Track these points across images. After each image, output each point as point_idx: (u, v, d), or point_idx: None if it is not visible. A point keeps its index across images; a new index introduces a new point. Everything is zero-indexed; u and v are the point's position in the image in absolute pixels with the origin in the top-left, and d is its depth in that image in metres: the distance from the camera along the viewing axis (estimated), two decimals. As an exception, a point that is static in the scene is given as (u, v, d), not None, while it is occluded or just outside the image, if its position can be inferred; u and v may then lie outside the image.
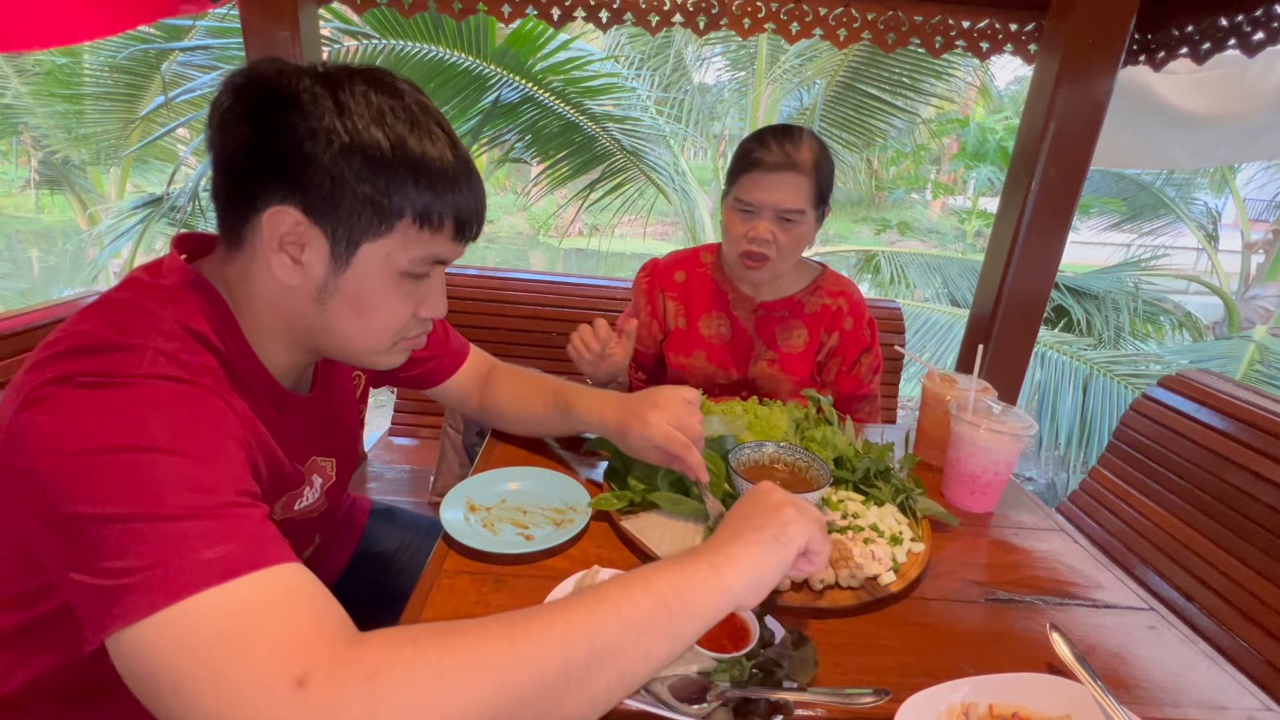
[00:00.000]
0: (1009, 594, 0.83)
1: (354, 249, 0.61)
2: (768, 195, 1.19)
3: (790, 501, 0.61)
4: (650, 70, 4.85)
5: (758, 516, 0.59)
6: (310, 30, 1.60)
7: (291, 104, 0.58)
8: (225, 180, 0.62)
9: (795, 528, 0.58)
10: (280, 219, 0.59)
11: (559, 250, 10.92)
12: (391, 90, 0.61)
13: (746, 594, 0.54)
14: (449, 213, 0.63)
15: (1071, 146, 1.58)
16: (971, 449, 1.00)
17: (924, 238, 11.66)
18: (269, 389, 0.69)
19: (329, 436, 0.84)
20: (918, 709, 0.60)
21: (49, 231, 9.83)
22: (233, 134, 0.60)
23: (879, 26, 1.69)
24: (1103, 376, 3.16)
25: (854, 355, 1.38)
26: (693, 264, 1.43)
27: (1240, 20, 1.50)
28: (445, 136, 0.63)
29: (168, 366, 0.54)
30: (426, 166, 0.61)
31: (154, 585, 0.44)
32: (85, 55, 4.59)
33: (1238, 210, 5.69)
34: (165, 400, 0.52)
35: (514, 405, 1.05)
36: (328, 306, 0.64)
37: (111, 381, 0.51)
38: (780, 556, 0.56)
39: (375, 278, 0.63)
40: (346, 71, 0.61)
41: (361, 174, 0.59)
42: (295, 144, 0.57)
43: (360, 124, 0.58)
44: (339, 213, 0.59)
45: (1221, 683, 0.71)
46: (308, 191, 0.58)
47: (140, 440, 0.48)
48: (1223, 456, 1.44)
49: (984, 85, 6.17)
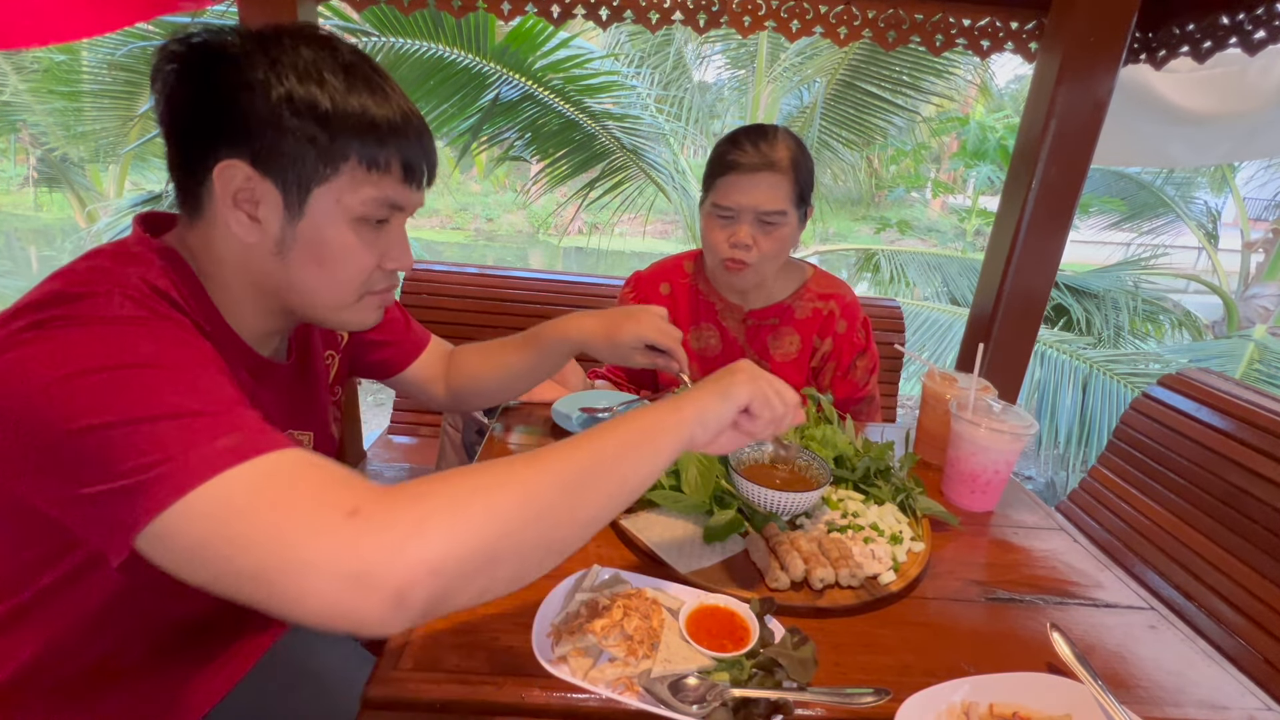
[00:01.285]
0: (1009, 593, 0.83)
1: (305, 195, 0.62)
2: (745, 198, 1.15)
3: (746, 369, 0.68)
4: (650, 68, 4.85)
5: (719, 378, 0.66)
6: (309, 27, 1.59)
7: (226, 60, 0.59)
8: (175, 147, 0.63)
9: (741, 387, 0.65)
10: (230, 174, 0.60)
11: (559, 248, 10.91)
12: (322, 43, 0.63)
13: (696, 427, 0.61)
14: (394, 155, 0.65)
15: (1072, 145, 1.57)
16: (972, 448, 0.99)
17: (924, 236, 11.65)
18: (243, 355, 0.69)
19: (305, 410, 0.84)
20: (918, 709, 0.60)
21: (47, 229, 9.82)
22: (175, 99, 0.61)
23: (879, 24, 1.69)
24: (1102, 375, 3.16)
25: (849, 359, 1.36)
26: (676, 275, 1.39)
27: (1242, 18, 1.50)
28: (381, 82, 0.64)
29: (136, 309, 0.54)
30: (365, 111, 0.62)
31: (183, 469, 0.45)
32: (84, 52, 4.58)
33: (1238, 209, 5.69)
34: (142, 331, 0.52)
35: (482, 361, 1.05)
36: (289, 260, 0.65)
37: (83, 321, 0.51)
38: (723, 403, 0.63)
39: (330, 224, 0.64)
40: (275, 28, 0.62)
41: (301, 121, 0.60)
42: (232, 98, 0.59)
43: (294, 74, 0.60)
44: (285, 161, 0.61)
45: (1222, 682, 0.71)
46: (252, 144, 0.60)
47: (124, 358, 0.49)
48: (1223, 456, 1.44)
49: (984, 84, 6.17)
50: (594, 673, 0.61)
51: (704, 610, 0.69)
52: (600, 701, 0.60)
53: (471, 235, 11.83)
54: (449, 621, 0.68)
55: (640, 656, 0.62)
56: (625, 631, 0.64)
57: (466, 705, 0.60)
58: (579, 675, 0.60)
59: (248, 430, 0.49)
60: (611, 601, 0.67)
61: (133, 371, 0.49)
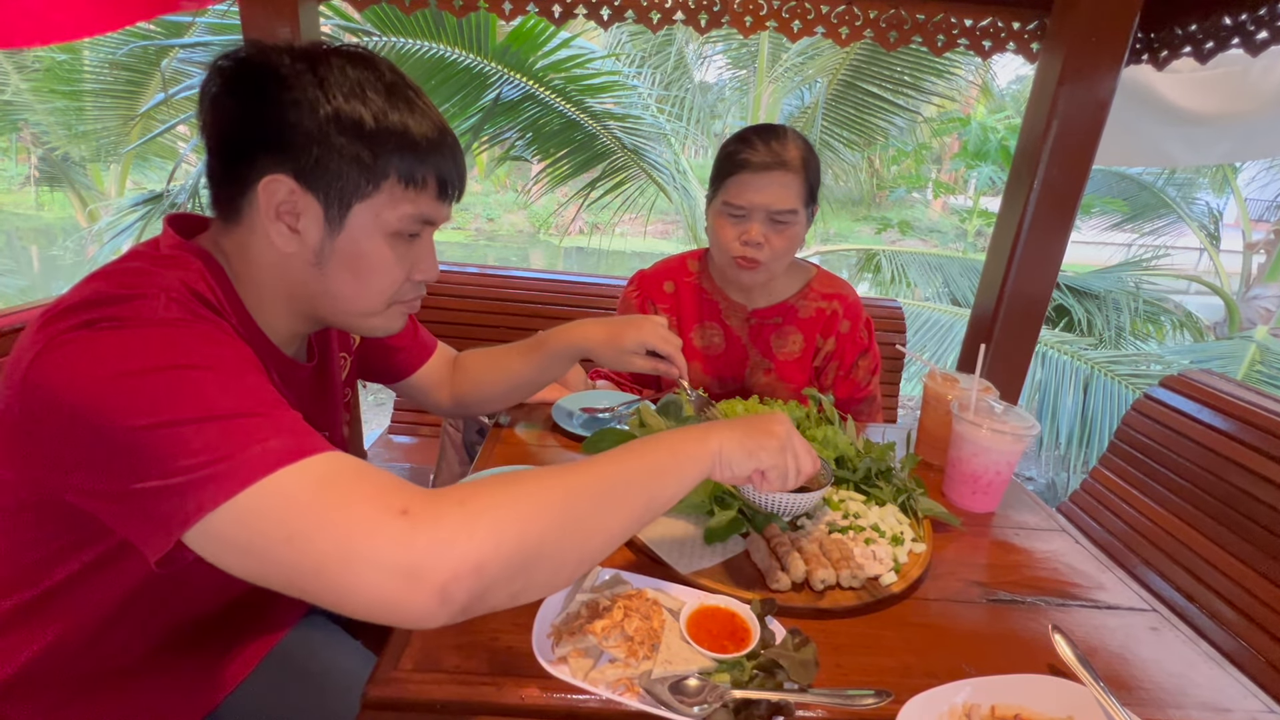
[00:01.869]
0: (1011, 594, 0.83)
1: (346, 210, 0.65)
2: (758, 196, 1.16)
3: (782, 434, 0.69)
4: (651, 68, 4.85)
5: (754, 432, 0.68)
6: (311, 27, 1.59)
7: (276, 79, 0.61)
8: (219, 159, 0.65)
9: (768, 454, 0.67)
10: (275, 188, 0.62)
11: (559, 248, 10.91)
12: (367, 63, 0.65)
13: (717, 465, 0.64)
14: (431, 172, 0.67)
15: (1074, 145, 1.57)
16: (973, 449, 0.99)
17: (925, 237, 11.64)
18: (272, 356, 0.71)
19: (323, 410, 0.85)
20: (920, 710, 0.59)
21: (49, 228, 9.82)
22: (223, 113, 0.63)
23: (881, 24, 1.69)
24: (1103, 376, 3.16)
25: (851, 359, 1.36)
26: (680, 273, 1.39)
27: (1244, 19, 1.49)
28: (422, 104, 0.67)
29: (181, 311, 0.56)
30: (407, 130, 0.64)
31: (239, 467, 0.47)
32: (85, 52, 4.59)
33: (1239, 210, 5.68)
34: (189, 331, 0.55)
35: (486, 367, 1.07)
36: (326, 270, 0.67)
37: (133, 323, 0.53)
38: (747, 460, 0.66)
39: (368, 238, 0.67)
40: (322, 48, 0.65)
41: (347, 139, 0.62)
42: (282, 115, 0.61)
43: (341, 93, 0.62)
44: (329, 177, 0.63)
45: (1224, 684, 0.71)
46: (298, 159, 0.62)
47: (176, 359, 0.51)
48: (1224, 457, 1.43)
49: (985, 84, 6.16)
50: (594, 673, 0.61)
51: (705, 611, 0.69)
52: (600, 702, 0.60)
53: (472, 235, 11.83)
54: (449, 622, 0.68)
55: (641, 657, 0.62)
56: (626, 632, 0.64)
57: (466, 706, 0.60)
58: (579, 676, 0.60)
59: (296, 432, 0.51)
60: (612, 602, 0.67)
61: (185, 372, 0.50)
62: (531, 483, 0.53)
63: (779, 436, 0.68)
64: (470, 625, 0.68)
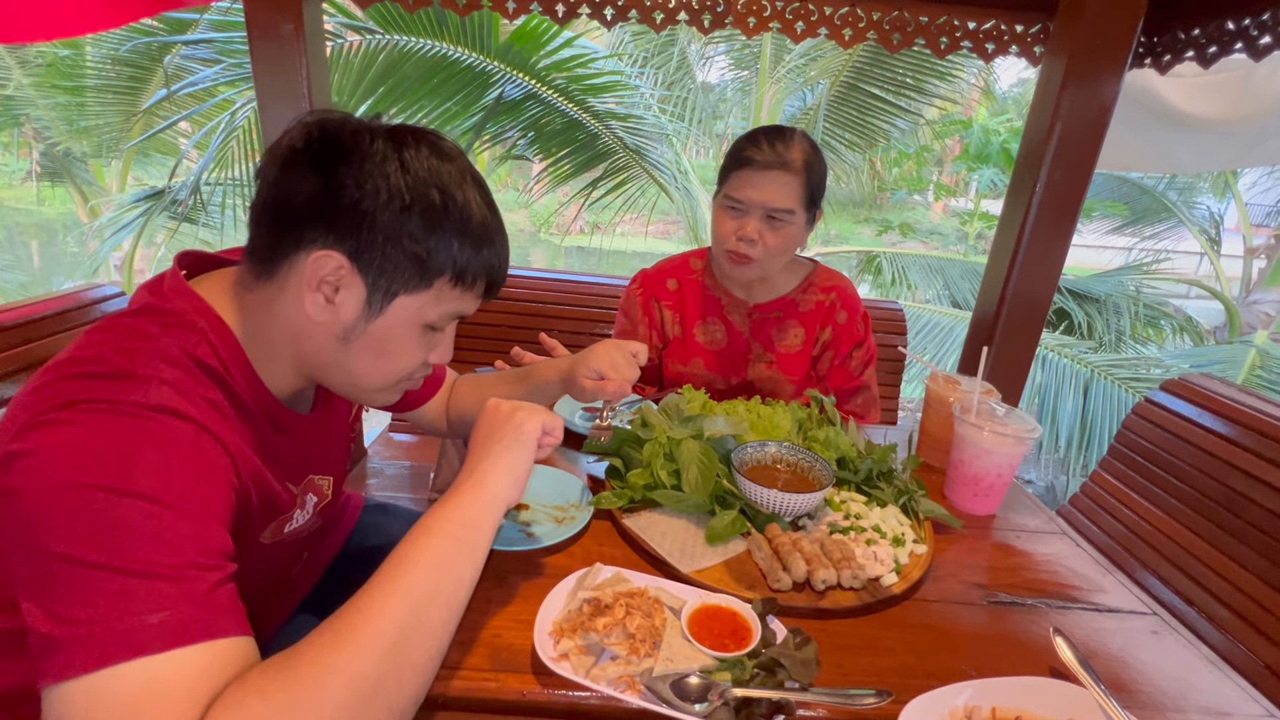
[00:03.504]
0: (1011, 597, 0.83)
1: (390, 299, 0.65)
2: (757, 193, 1.18)
3: (515, 406, 0.71)
4: (654, 68, 4.85)
5: (495, 430, 0.69)
6: (314, 24, 1.59)
7: (359, 158, 0.61)
8: (275, 215, 0.64)
9: (528, 425, 0.68)
10: (325, 263, 0.61)
11: (560, 248, 10.91)
12: (446, 155, 0.66)
13: (510, 491, 0.65)
14: (483, 272, 0.68)
15: (1077, 149, 1.57)
16: (975, 451, 0.99)
17: (926, 239, 11.64)
18: (270, 411, 0.71)
19: (326, 455, 0.85)
20: (921, 712, 0.60)
21: (50, 224, 9.82)
22: (295, 175, 0.62)
23: (884, 26, 1.69)
24: (1103, 380, 3.16)
25: (846, 349, 1.39)
26: (683, 271, 1.42)
27: (1247, 24, 1.49)
28: (484, 199, 0.68)
29: (170, 398, 0.56)
30: (471, 229, 0.65)
31: (86, 646, 0.46)
32: (88, 47, 4.58)
33: (1240, 215, 5.68)
34: (159, 439, 0.54)
35: (474, 396, 1.08)
36: (351, 347, 0.67)
37: (115, 409, 0.53)
38: (524, 450, 0.67)
39: (402, 328, 0.67)
40: (409, 132, 0.65)
41: (414, 234, 0.63)
42: (357, 199, 0.61)
43: (420, 187, 0.62)
44: (384, 265, 0.63)
45: (1224, 688, 0.71)
46: (359, 241, 0.62)
47: (125, 483, 0.50)
48: (1224, 461, 1.43)
49: (987, 87, 6.16)
50: (596, 670, 0.61)
51: (706, 610, 0.69)
52: (601, 699, 0.60)
53: (473, 234, 11.80)
54: (451, 619, 0.68)
55: (642, 655, 0.62)
56: (627, 630, 0.64)
57: (468, 701, 0.60)
58: (581, 673, 0.60)
59: (185, 606, 0.49)
60: (614, 600, 0.67)
61: (121, 501, 0.50)
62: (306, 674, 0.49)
63: (506, 411, 0.70)
64: (472, 622, 0.68)
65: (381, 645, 0.52)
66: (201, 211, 3.73)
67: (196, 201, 3.63)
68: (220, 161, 3.29)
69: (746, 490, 0.86)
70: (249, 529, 0.69)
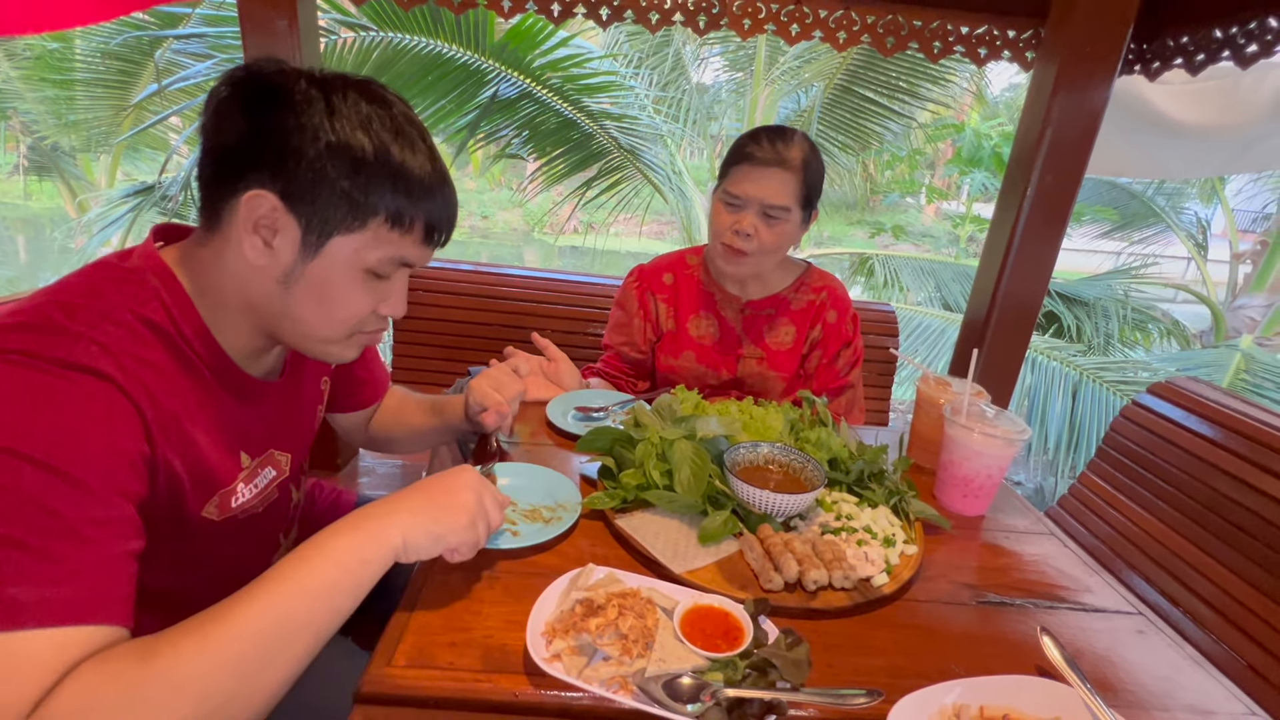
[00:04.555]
0: (1000, 597, 0.84)
1: (325, 239, 0.65)
2: (754, 189, 1.21)
3: (471, 508, 0.66)
4: (649, 69, 4.85)
5: (441, 512, 0.65)
6: (308, 20, 1.58)
7: (286, 101, 0.62)
8: (212, 164, 0.64)
9: (457, 537, 0.65)
10: (258, 203, 0.62)
11: (554, 247, 10.90)
12: (380, 100, 0.66)
13: (401, 553, 0.62)
14: (420, 217, 0.67)
15: (1067, 154, 1.59)
16: (965, 452, 1.00)
17: (918, 242, 11.71)
18: (227, 375, 0.70)
19: (289, 430, 0.84)
20: (910, 711, 0.60)
21: (37, 218, 9.71)
22: (226, 121, 0.63)
23: (878, 30, 1.70)
24: (1092, 383, 3.19)
25: (834, 348, 1.40)
26: (679, 266, 1.44)
27: (1234, 32, 1.52)
28: (426, 148, 0.67)
29: (95, 358, 0.56)
30: (405, 172, 0.65)
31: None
32: (77, 40, 4.54)
33: (1227, 220, 5.75)
34: (67, 399, 0.54)
35: (395, 418, 1.11)
36: (292, 291, 0.66)
37: (32, 364, 0.53)
38: (433, 545, 0.64)
39: (341, 270, 0.66)
40: (341, 78, 0.65)
41: (342, 172, 0.62)
42: (284, 137, 0.61)
43: (347, 126, 0.62)
44: (316, 205, 0.63)
45: (1208, 687, 0.72)
46: (289, 181, 0.62)
47: (18, 442, 0.50)
48: (1210, 463, 1.45)
49: (980, 91, 6.21)
50: (588, 671, 0.61)
51: (698, 610, 0.69)
52: (594, 700, 0.60)
53: (466, 232, 11.78)
54: (442, 618, 0.68)
55: (635, 655, 0.62)
56: (620, 630, 0.64)
57: (459, 702, 0.60)
58: (573, 673, 0.60)
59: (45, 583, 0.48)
60: (606, 600, 0.67)
61: (13, 463, 0.49)
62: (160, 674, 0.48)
63: (468, 510, 0.66)
64: (464, 622, 0.68)
65: (243, 666, 0.51)
66: (192, 207, 3.70)
67: (187, 197, 3.59)
68: (211, 157, 3.26)
69: (739, 491, 0.86)
70: (182, 502, 0.68)
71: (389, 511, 0.62)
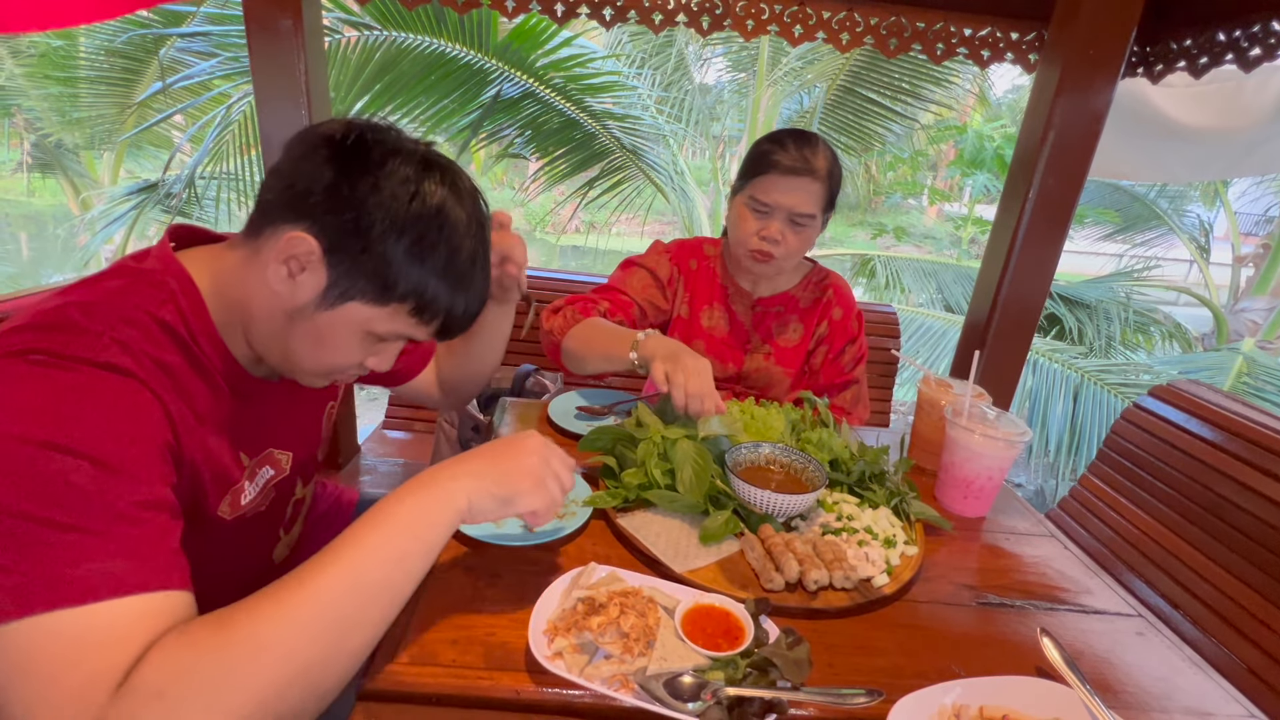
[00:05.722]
0: (1000, 598, 0.84)
1: (345, 300, 0.66)
2: (783, 198, 1.22)
3: (537, 471, 0.66)
4: (651, 69, 4.85)
5: (507, 475, 0.64)
6: (313, 19, 1.59)
7: (377, 175, 0.63)
8: (280, 192, 0.65)
9: (525, 501, 0.65)
10: (300, 244, 0.63)
11: (555, 247, 10.89)
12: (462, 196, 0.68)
13: (467, 516, 0.62)
14: (442, 314, 0.70)
15: (1070, 156, 1.59)
16: (966, 454, 1.00)
17: (919, 243, 11.70)
18: (231, 374, 0.71)
19: (291, 427, 0.85)
20: (909, 711, 0.60)
21: (40, 215, 9.73)
22: (312, 164, 0.64)
23: (882, 31, 1.70)
24: (1093, 385, 3.19)
25: (840, 345, 1.42)
26: (699, 255, 1.45)
27: (1238, 35, 1.52)
28: (476, 252, 0.70)
29: (117, 355, 0.57)
30: (447, 274, 0.67)
31: (12, 592, 0.47)
32: (81, 38, 4.54)
33: (1229, 223, 5.74)
34: (97, 394, 0.55)
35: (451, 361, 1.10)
36: (295, 327, 0.67)
37: (58, 363, 0.54)
38: (500, 509, 0.64)
39: (347, 328, 0.68)
40: (440, 165, 0.67)
41: (395, 258, 0.64)
42: (358, 205, 0.62)
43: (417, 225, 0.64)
44: (352, 270, 0.64)
45: (1208, 689, 0.72)
46: (340, 240, 0.63)
47: (57, 436, 0.51)
48: (1211, 466, 1.45)
49: (982, 93, 6.21)
50: (589, 669, 0.61)
51: (700, 609, 0.69)
52: (595, 698, 0.60)
53: (468, 231, 11.75)
54: (445, 616, 0.68)
55: (636, 654, 0.62)
56: (621, 629, 0.64)
57: (461, 699, 0.61)
58: (574, 671, 0.61)
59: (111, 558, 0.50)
60: (608, 599, 0.67)
61: (56, 456, 0.50)
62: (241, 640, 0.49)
63: (532, 472, 0.66)
64: (466, 620, 0.68)
65: (321, 630, 0.52)
66: (196, 205, 3.71)
67: (190, 195, 3.60)
68: (215, 156, 3.27)
69: (740, 491, 0.86)
70: (203, 499, 0.69)
71: (454, 475, 0.63)
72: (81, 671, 0.47)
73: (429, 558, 0.59)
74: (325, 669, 0.52)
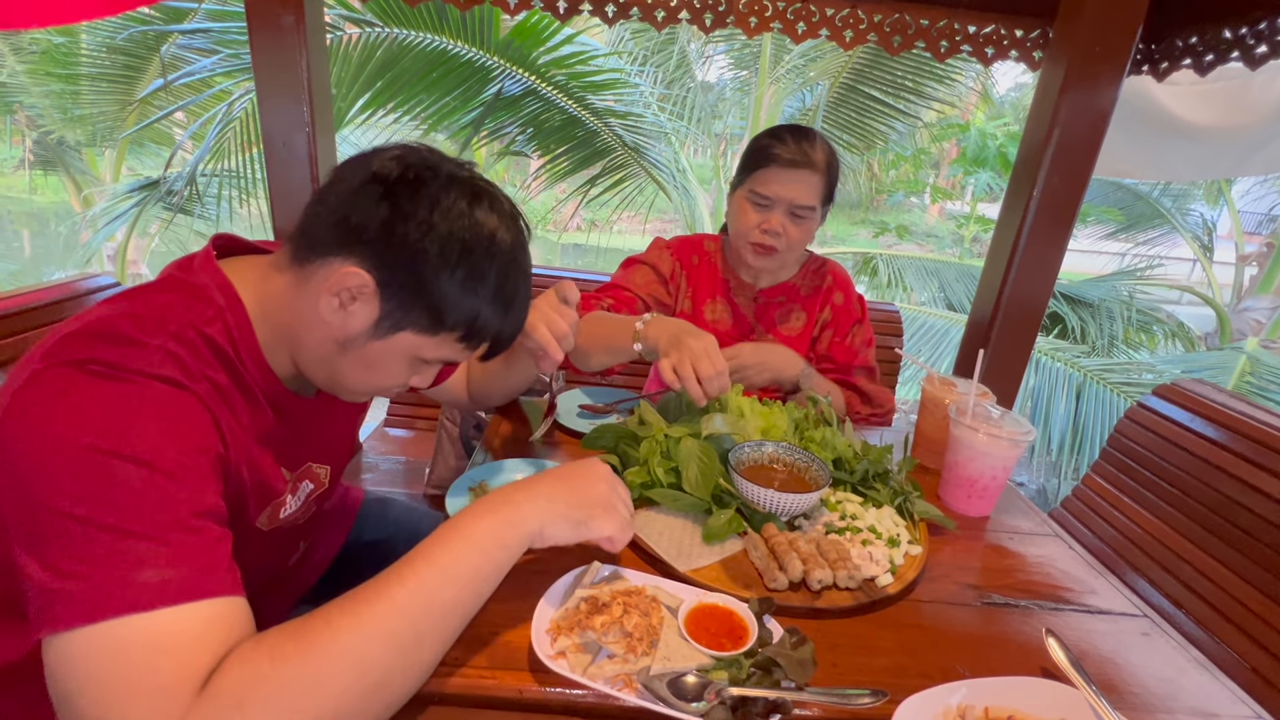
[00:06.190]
0: (1004, 598, 0.83)
1: (397, 330, 0.67)
2: (783, 190, 1.23)
3: (606, 498, 0.68)
4: (653, 67, 4.84)
5: (579, 502, 0.66)
6: (314, 16, 1.58)
7: (429, 209, 0.63)
8: (335, 217, 0.65)
9: (600, 526, 0.66)
10: (353, 279, 0.63)
11: (557, 245, 10.88)
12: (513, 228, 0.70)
13: (541, 540, 0.64)
14: (489, 337, 0.72)
15: (1074, 154, 1.58)
16: (970, 453, 1.00)
17: (922, 242, 11.67)
18: (273, 393, 0.71)
19: (327, 442, 0.85)
20: (914, 711, 0.60)
21: (41, 213, 9.74)
22: (366, 198, 0.64)
23: (885, 29, 1.69)
24: (1096, 384, 3.18)
25: (846, 328, 1.43)
26: (700, 250, 1.46)
27: (1244, 33, 1.51)
28: (521, 278, 0.71)
29: (171, 369, 0.58)
30: (497, 302, 0.69)
31: (85, 598, 0.48)
32: (83, 35, 4.54)
33: (1233, 222, 5.73)
34: (156, 405, 0.56)
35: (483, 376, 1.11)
36: (344, 355, 0.68)
37: (116, 374, 0.55)
38: (573, 533, 0.66)
39: (398, 355, 0.69)
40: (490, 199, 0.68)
41: (444, 293, 0.65)
42: (410, 246, 0.63)
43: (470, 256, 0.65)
44: (405, 305, 0.65)
45: (1213, 690, 0.72)
46: (393, 274, 0.64)
47: (121, 445, 0.52)
48: (1215, 466, 1.45)
49: (985, 91, 6.19)
50: (593, 669, 0.61)
51: (703, 609, 0.69)
52: (598, 697, 0.60)
53: (469, 229, 11.76)
54: (448, 615, 0.68)
55: (639, 653, 0.62)
56: (624, 628, 0.64)
57: (464, 698, 0.60)
58: (577, 671, 0.60)
59: (179, 564, 0.51)
60: (611, 598, 0.67)
61: (117, 463, 0.51)
62: (320, 649, 0.50)
63: (603, 499, 0.67)
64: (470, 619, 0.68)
65: (398, 642, 0.53)
66: (197, 203, 3.71)
67: (192, 192, 3.60)
68: (217, 153, 3.27)
69: (743, 490, 0.86)
70: (245, 511, 0.70)
71: (527, 499, 0.64)
72: (160, 677, 0.47)
73: (498, 578, 0.61)
74: (400, 681, 0.54)
